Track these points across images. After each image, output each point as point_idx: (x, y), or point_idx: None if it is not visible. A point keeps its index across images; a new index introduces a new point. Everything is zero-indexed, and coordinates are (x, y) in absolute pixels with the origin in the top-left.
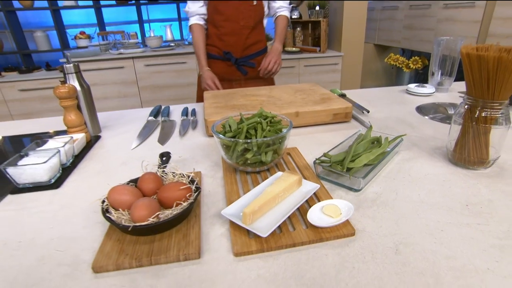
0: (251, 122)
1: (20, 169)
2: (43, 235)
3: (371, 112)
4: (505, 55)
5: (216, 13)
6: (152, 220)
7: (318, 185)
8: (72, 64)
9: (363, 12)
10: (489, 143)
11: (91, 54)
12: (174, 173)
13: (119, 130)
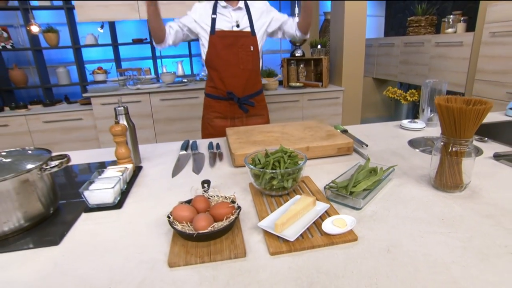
0: (276, 156)
1: (93, 192)
2: (121, 243)
3: (369, 146)
4: (464, 107)
5: (218, 59)
6: (210, 229)
7: (328, 205)
8: (122, 107)
9: (362, 50)
10: (462, 171)
11: (111, 89)
12: (218, 196)
13: (156, 161)
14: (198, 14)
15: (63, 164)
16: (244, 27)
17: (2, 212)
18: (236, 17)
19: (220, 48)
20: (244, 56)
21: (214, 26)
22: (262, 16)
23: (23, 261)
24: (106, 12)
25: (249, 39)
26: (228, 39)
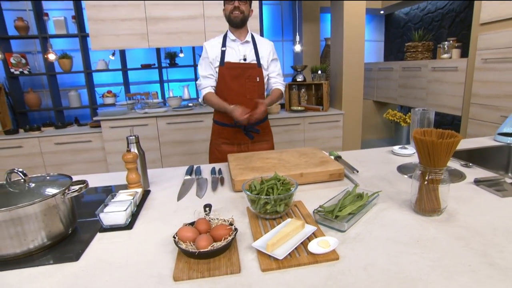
0: (270, 184)
1: (108, 214)
2: (132, 260)
3: (360, 172)
4: (436, 140)
5: (227, 88)
6: (210, 248)
7: (315, 228)
8: (134, 137)
9: (361, 74)
10: (439, 197)
11: (120, 113)
12: (218, 219)
13: (163, 185)
14: (210, 50)
15: (82, 189)
16: (251, 60)
17: (29, 232)
18: (243, 50)
19: (229, 79)
20: (250, 86)
21: (223, 58)
22: (268, 54)
23: (49, 274)
24: (118, 41)
25: (255, 71)
26: (236, 70)
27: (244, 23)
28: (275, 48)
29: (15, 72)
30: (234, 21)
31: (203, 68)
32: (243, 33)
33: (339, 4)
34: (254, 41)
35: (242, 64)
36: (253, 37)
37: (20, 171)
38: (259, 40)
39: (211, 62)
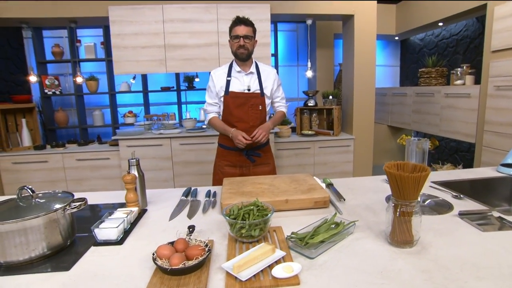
0: (246, 209)
1: (102, 230)
2: (116, 272)
3: (348, 200)
4: (402, 173)
5: (231, 116)
6: (181, 266)
7: (284, 253)
8: (135, 159)
9: (372, 100)
10: (411, 229)
11: (137, 134)
12: (196, 239)
13: (160, 205)
14: (216, 80)
15: (81, 206)
16: (255, 89)
17: (32, 242)
18: (248, 81)
19: (233, 107)
20: (253, 114)
21: (228, 87)
22: (272, 83)
23: (42, 281)
24: (138, 67)
25: (258, 100)
26: (239, 99)
27: (249, 57)
28: (289, 73)
29: (48, 92)
30: (239, 58)
31: (209, 96)
32: (248, 64)
33: (350, 31)
34: (258, 71)
35: (246, 94)
36: (257, 67)
37: (29, 188)
38: (263, 69)
39: (217, 92)
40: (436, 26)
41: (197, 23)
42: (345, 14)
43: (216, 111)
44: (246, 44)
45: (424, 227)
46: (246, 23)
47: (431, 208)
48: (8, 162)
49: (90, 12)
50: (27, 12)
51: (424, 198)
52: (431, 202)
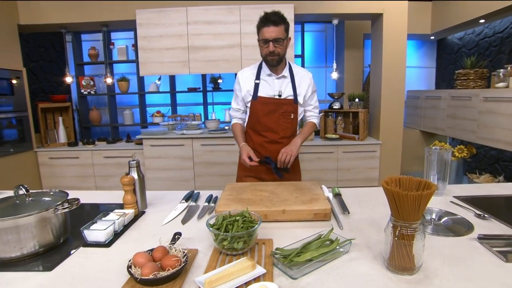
0: (230, 220)
1: (90, 232)
2: (95, 276)
3: (353, 213)
4: (401, 191)
5: (258, 123)
6: (151, 276)
7: (265, 271)
8: (135, 161)
9: (401, 103)
10: (411, 254)
11: (160, 133)
12: (176, 249)
13: (160, 208)
14: (243, 82)
15: (73, 206)
16: (287, 95)
17: (23, 239)
18: (279, 85)
19: (261, 114)
20: (284, 123)
21: (256, 91)
22: (307, 89)
23: (24, 280)
24: (162, 68)
25: (290, 107)
26: (269, 106)
27: (281, 61)
28: (317, 74)
29: (84, 92)
30: (270, 64)
31: (234, 100)
32: (280, 67)
33: (379, 30)
34: (292, 74)
35: (277, 100)
36: (291, 69)
37: (24, 187)
38: (297, 72)
39: (243, 96)
40: (477, 24)
41: (220, 24)
42: (373, 13)
43: (239, 117)
44: (277, 49)
45: (432, 250)
46: (276, 23)
47: (447, 228)
48: (46, 157)
49: (119, 16)
50: (64, 18)
51: (440, 215)
52: (448, 221)
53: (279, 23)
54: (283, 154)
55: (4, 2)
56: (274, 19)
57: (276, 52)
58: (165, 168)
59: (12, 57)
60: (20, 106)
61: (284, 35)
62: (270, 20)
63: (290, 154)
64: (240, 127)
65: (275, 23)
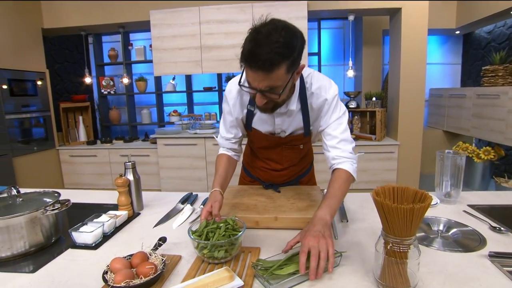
0: (211, 228)
1: (78, 234)
2: (74, 280)
3: (353, 221)
4: (389, 204)
5: (258, 151)
6: (123, 284)
7: (242, 283)
8: (130, 163)
9: (421, 102)
10: (404, 273)
11: (174, 133)
12: (156, 255)
13: (155, 210)
14: (232, 104)
15: (62, 208)
16: (294, 130)
17: (12, 240)
18: (280, 123)
19: (259, 147)
20: (289, 154)
21: (250, 122)
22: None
23: (8, 281)
24: (176, 68)
25: (299, 141)
26: (268, 141)
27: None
28: (335, 72)
29: (104, 92)
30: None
31: (223, 125)
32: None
33: (397, 26)
34: (305, 100)
35: (278, 138)
36: (303, 94)
37: (15, 188)
38: (314, 92)
39: (234, 119)
40: (508, 16)
41: (232, 23)
42: (391, 7)
43: (229, 147)
44: (270, 100)
45: (434, 267)
46: (268, 68)
47: (456, 242)
48: (67, 155)
49: (134, 17)
50: (83, 20)
51: (449, 226)
52: (458, 233)
53: (275, 65)
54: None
55: (29, 7)
56: (266, 62)
57: (270, 104)
58: (178, 167)
59: (36, 60)
60: (43, 106)
61: (285, 79)
62: (259, 63)
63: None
64: (226, 162)
65: (267, 69)
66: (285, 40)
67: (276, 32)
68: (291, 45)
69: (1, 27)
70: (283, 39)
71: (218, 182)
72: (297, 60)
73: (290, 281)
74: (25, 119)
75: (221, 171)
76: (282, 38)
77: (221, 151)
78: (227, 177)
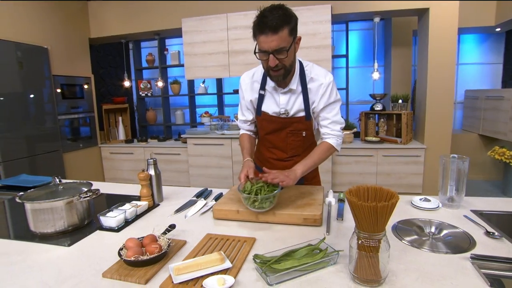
0: (258, 186)
1: (104, 218)
2: (98, 255)
3: (347, 220)
4: (356, 201)
5: (265, 140)
6: (133, 258)
7: (230, 265)
8: (152, 160)
9: (450, 104)
10: (375, 266)
11: (203, 133)
12: (165, 238)
13: (173, 202)
14: (246, 91)
15: (93, 195)
16: (296, 111)
17: (55, 219)
18: (285, 101)
19: (267, 132)
20: (293, 142)
21: (260, 105)
22: (320, 97)
23: (51, 250)
24: (205, 72)
25: (301, 125)
26: (274, 124)
27: (288, 75)
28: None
29: (142, 94)
30: (275, 80)
31: (240, 109)
32: (288, 78)
33: (425, 27)
34: (305, 84)
35: (283, 119)
36: (303, 78)
37: (58, 178)
38: (313, 78)
39: (247, 105)
40: None
41: None
42: (418, 8)
43: (247, 128)
44: (280, 62)
45: (411, 265)
46: (275, 28)
47: (445, 244)
48: (107, 152)
49: (168, 24)
50: (123, 29)
51: (441, 229)
52: (449, 236)
53: (280, 27)
54: (274, 176)
55: (79, 20)
56: (273, 23)
57: (280, 65)
58: (206, 166)
59: (84, 66)
60: (89, 108)
61: (288, 41)
62: (268, 26)
63: (281, 180)
64: (247, 138)
65: (274, 29)
66: (283, 12)
67: (276, 8)
68: (288, 14)
69: (57, 39)
70: (282, 11)
71: (248, 153)
72: (294, 29)
73: (285, 274)
74: (73, 119)
75: (247, 145)
76: (281, 11)
77: (242, 131)
78: (253, 149)
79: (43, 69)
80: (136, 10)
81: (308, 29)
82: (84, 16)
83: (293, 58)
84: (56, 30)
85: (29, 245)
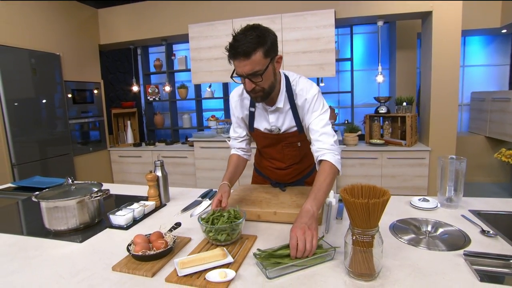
0: (216, 215)
1: (114, 217)
2: (107, 250)
3: (346, 219)
4: (349, 198)
5: (262, 151)
6: (140, 253)
7: (232, 260)
8: (159, 161)
9: (454, 106)
10: (369, 260)
11: (209, 136)
12: (171, 235)
13: (179, 202)
14: (236, 108)
15: (103, 195)
16: (288, 128)
17: (68, 217)
18: (274, 119)
19: (262, 145)
20: (289, 152)
21: (252, 122)
22: (307, 111)
23: (62, 247)
24: (211, 76)
25: (295, 138)
26: (268, 139)
27: (269, 95)
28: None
29: (150, 99)
30: (258, 101)
31: (231, 128)
32: (274, 97)
33: (428, 30)
34: (292, 99)
35: (275, 135)
36: (290, 94)
37: (71, 178)
38: (298, 93)
39: (238, 122)
40: None
41: None
42: (421, 11)
43: (238, 146)
44: (257, 86)
45: (406, 261)
46: (247, 54)
47: (441, 241)
48: (116, 155)
49: (175, 30)
50: (131, 36)
51: (437, 227)
52: (445, 234)
53: (253, 51)
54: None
55: (90, 27)
56: (243, 48)
57: (258, 88)
58: (213, 169)
59: (94, 72)
60: (98, 112)
61: (263, 64)
62: (238, 51)
63: (310, 241)
64: (234, 160)
65: (246, 54)
66: (257, 33)
67: (250, 29)
68: (263, 36)
69: (68, 46)
70: (256, 32)
71: (227, 177)
72: (271, 49)
73: (284, 269)
74: (84, 123)
75: (230, 168)
76: (255, 32)
77: (232, 152)
78: (236, 173)
79: (55, 75)
80: (144, 17)
81: (312, 34)
82: (94, 23)
83: (273, 79)
84: (67, 38)
85: (44, 241)
